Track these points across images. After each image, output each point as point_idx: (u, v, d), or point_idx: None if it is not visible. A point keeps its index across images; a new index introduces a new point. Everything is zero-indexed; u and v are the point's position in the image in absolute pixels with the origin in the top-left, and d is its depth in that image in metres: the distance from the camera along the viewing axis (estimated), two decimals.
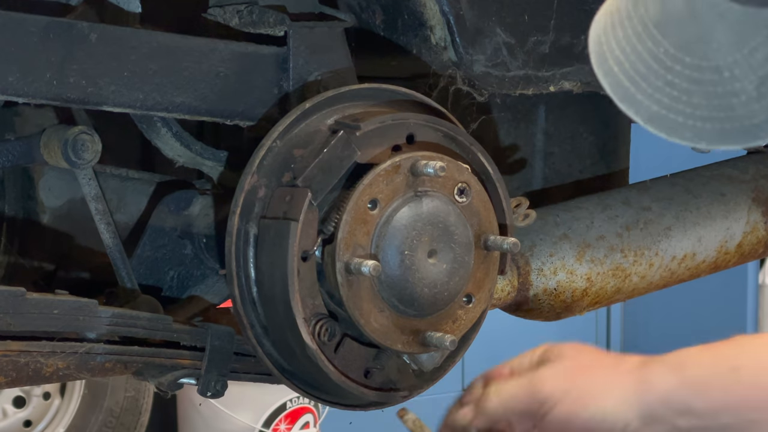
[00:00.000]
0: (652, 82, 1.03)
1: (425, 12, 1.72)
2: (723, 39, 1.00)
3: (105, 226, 1.66)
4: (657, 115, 1.03)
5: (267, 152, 1.54)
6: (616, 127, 2.29)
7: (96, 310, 1.56)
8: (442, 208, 1.54)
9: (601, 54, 1.07)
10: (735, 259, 2.25)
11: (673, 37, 1.02)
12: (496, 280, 1.61)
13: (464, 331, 1.56)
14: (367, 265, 1.48)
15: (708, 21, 1.01)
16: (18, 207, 1.78)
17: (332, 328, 1.53)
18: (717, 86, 1.01)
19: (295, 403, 4.64)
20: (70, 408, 4.53)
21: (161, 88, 1.56)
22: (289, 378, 1.60)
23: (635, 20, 1.04)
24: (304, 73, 1.65)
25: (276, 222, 1.51)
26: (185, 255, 1.82)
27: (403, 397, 1.62)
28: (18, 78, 1.47)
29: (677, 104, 1.02)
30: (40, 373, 1.57)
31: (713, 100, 1.01)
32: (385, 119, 1.55)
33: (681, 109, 1.02)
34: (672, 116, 1.03)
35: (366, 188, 1.50)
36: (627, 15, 1.05)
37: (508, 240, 1.58)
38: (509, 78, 1.75)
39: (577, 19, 1.79)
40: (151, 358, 1.63)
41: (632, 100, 1.04)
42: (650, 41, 1.03)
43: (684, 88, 1.02)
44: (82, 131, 1.61)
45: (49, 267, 1.79)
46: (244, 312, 1.55)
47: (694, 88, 1.02)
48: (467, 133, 1.64)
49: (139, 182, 1.81)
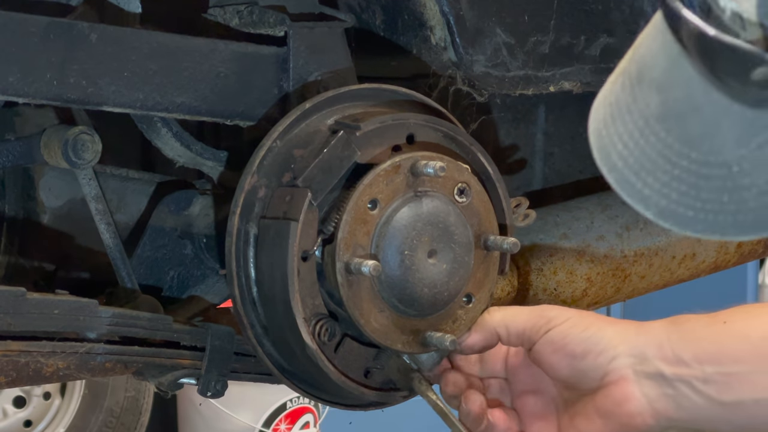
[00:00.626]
0: (659, 178, 1.00)
1: (425, 12, 1.72)
2: (728, 134, 0.97)
3: (105, 226, 1.66)
4: (667, 210, 1.00)
5: (267, 152, 1.54)
6: None
7: (96, 310, 1.56)
8: (442, 208, 1.54)
9: (602, 148, 1.04)
10: (735, 259, 2.25)
11: (677, 132, 0.99)
12: (496, 280, 1.61)
13: (464, 331, 1.56)
14: (367, 265, 1.48)
15: (711, 117, 0.98)
16: (18, 207, 1.78)
17: (332, 328, 1.53)
18: (726, 181, 0.98)
19: (295, 403, 4.65)
20: (70, 408, 4.53)
21: (161, 88, 1.56)
22: (289, 378, 1.60)
23: (636, 114, 1.01)
24: (304, 73, 1.65)
25: (276, 222, 1.51)
26: (185, 255, 1.82)
27: (404, 397, 1.62)
28: (18, 78, 1.47)
29: (686, 199, 0.99)
30: (40, 373, 1.57)
31: (723, 194, 0.98)
32: (385, 119, 1.55)
33: (691, 203, 0.99)
34: (682, 210, 1.00)
35: (366, 188, 1.51)
36: (627, 108, 1.02)
37: (508, 240, 1.59)
38: (509, 78, 1.76)
39: (577, 19, 1.79)
40: (152, 358, 1.63)
41: (640, 195, 1.01)
42: (653, 136, 1.00)
43: (692, 182, 0.99)
44: (83, 131, 1.61)
45: (49, 267, 1.79)
46: (244, 312, 1.55)
47: (702, 183, 0.98)
48: (467, 133, 1.64)
49: (139, 182, 1.81)
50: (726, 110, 0.97)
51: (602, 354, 1.43)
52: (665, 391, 1.39)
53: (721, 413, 1.37)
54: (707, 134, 0.98)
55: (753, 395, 1.35)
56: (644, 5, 1.80)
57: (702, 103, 0.98)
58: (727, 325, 1.38)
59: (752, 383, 1.35)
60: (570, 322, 1.46)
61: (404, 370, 1.56)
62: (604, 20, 1.80)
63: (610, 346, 1.43)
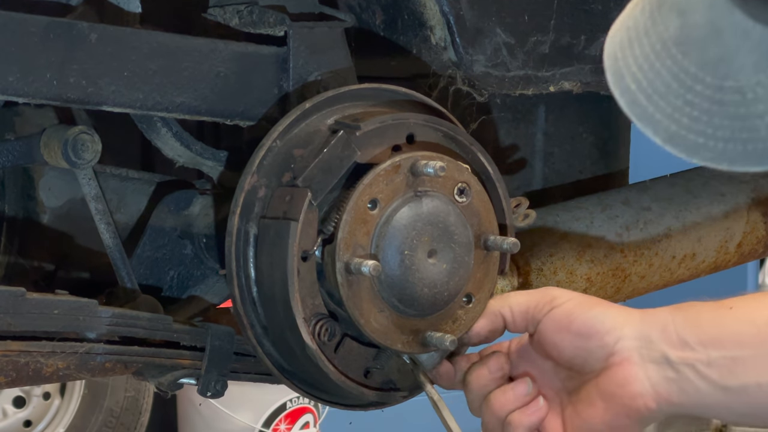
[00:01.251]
0: (671, 102, 1.00)
1: (425, 12, 1.72)
2: (746, 59, 0.97)
3: (105, 226, 1.66)
4: (676, 135, 1.00)
5: (267, 152, 1.54)
6: (616, 127, 2.29)
7: (96, 310, 1.56)
8: (442, 208, 1.54)
9: (617, 71, 1.04)
10: (735, 259, 2.25)
11: (694, 56, 0.99)
12: (496, 281, 1.61)
13: (464, 331, 1.56)
14: (367, 265, 1.48)
15: (731, 40, 0.97)
16: (18, 207, 1.78)
17: (332, 328, 1.53)
18: (740, 107, 0.97)
19: (295, 403, 4.65)
20: (70, 408, 4.53)
21: (161, 88, 1.56)
22: (289, 378, 1.60)
23: (653, 38, 1.01)
24: (304, 73, 1.65)
25: (276, 222, 1.51)
26: (185, 255, 1.82)
27: (403, 397, 1.62)
28: (18, 78, 1.47)
29: (697, 124, 0.99)
30: (40, 373, 1.57)
31: (735, 121, 0.98)
32: (385, 119, 1.55)
33: (702, 129, 0.99)
34: (692, 137, 0.99)
35: (366, 188, 1.50)
36: (645, 32, 1.01)
37: (508, 240, 1.58)
38: (509, 78, 1.75)
39: (577, 19, 1.79)
40: (151, 358, 1.63)
41: (650, 119, 1.01)
42: (669, 60, 1.00)
43: (705, 108, 0.99)
44: (82, 131, 1.61)
45: (49, 267, 1.79)
46: (244, 312, 1.55)
47: (715, 108, 0.98)
48: (467, 133, 1.64)
49: (139, 182, 1.81)
50: (747, 33, 0.96)
51: (608, 334, 1.41)
52: (668, 374, 1.38)
53: (723, 399, 1.35)
54: (725, 58, 0.97)
55: (757, 379, 1.33)
56: None
57: (723, 25, 0.97)
58: (733, 310, 1.38)
59: (756, 367, 1.34)
60: (574, 301, 1.45)
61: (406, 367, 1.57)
62: (604, 20, 1.80)
63: (616, 327, 1.42)
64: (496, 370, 1.50)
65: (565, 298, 1.46)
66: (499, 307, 1.52)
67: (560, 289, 1.49)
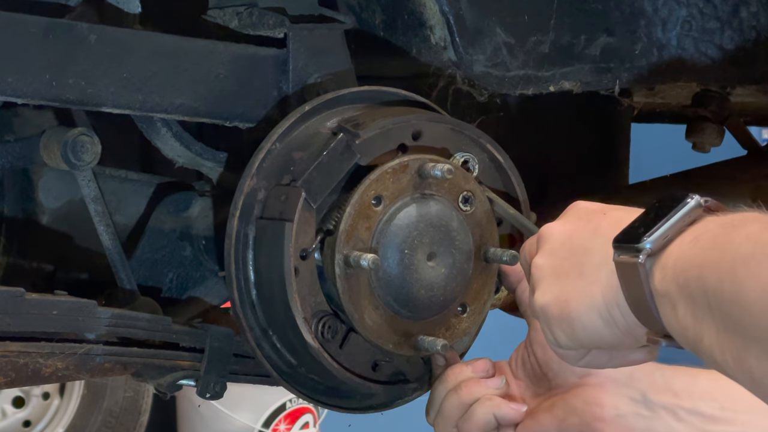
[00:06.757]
0: None
1: (425, 12, 1.72)
2: None
3: (104, 227, 1.66)
4: None
5: (266, 155, 1.54)
6: (616, 127, 2.29)
7: (95, 311, 1.56)
8: (445, 213, 1.54)
9: None
10: None
11: None
12: (493, 293, 1.61)
13: (455, 340, 1.56)
14: (367, 259, 1.47)
15: None
16: (17, 208, 1.78)
17: (335, 325, 1.53)
18: None
19: (294, 403, 4.65)
20: (69, 408, 4.53)
21: (160, 89, 1.56)
22: (288, 380, 1.60)
23: None
24: (304, 75, 1.65)
25: (272, 222, 1.51)
26: (184, 257, 1.82)
27: (413, 390, 1.61)
28: (17, 79, 1.47)
29: None
30: (39, 374, 1.56)
31: None
32: (386, 124, 1.55)
33: None
34: None
35: (372, 183, 1.51)
36: None
37: (508, 252, 1.58)
38: (509, 78, 1.75)
39: (577, 19, 1.78)
40: (151, 359, 1.63)
41: None
42: None
43: None
44: (82, 133, 1.61)
45: (48, 268, 1.79)
46: (243, 314, 1.55)
47: None
48: (473, 126, 1.64)
49: (138, 184, 1.81)
50: None
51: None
52: (641, 412, 1.36)
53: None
54: None
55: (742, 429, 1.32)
56: (644, 5, 1.79)
57: None
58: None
59: (744, 423, 1.32)
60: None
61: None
62: (604, 20, 1.80)
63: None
64: (480, 371, 1.50)
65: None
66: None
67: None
